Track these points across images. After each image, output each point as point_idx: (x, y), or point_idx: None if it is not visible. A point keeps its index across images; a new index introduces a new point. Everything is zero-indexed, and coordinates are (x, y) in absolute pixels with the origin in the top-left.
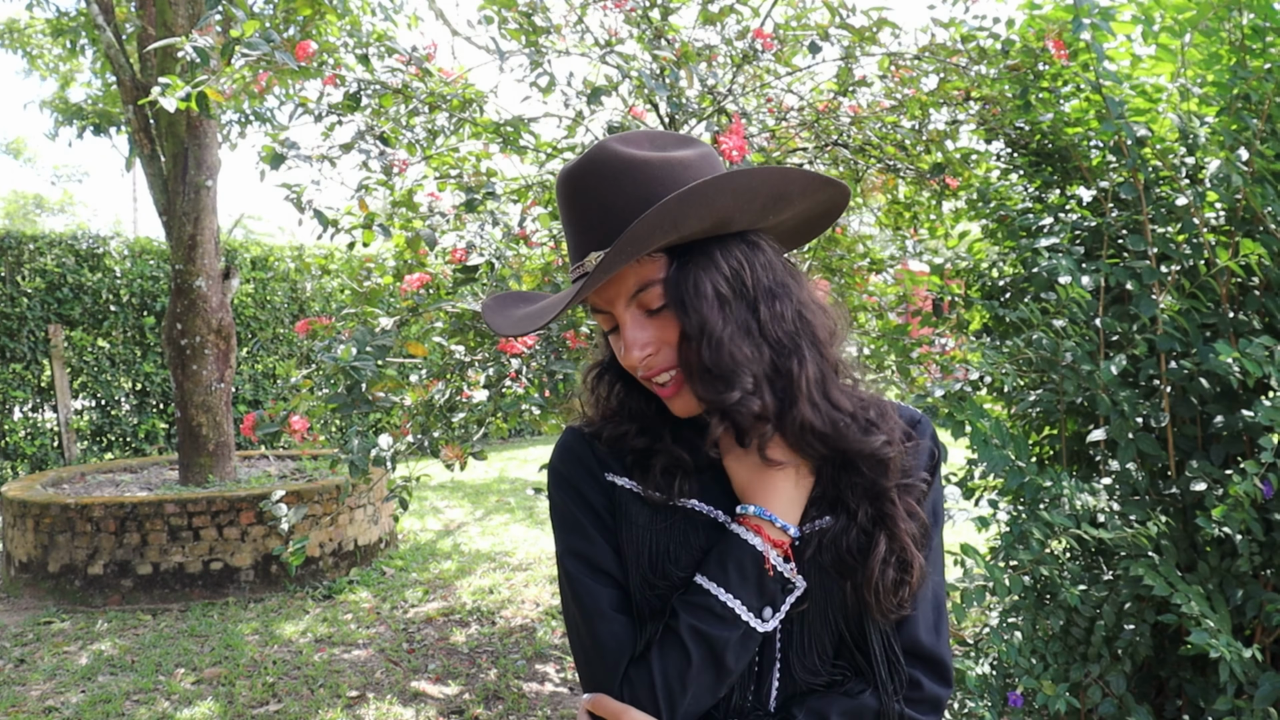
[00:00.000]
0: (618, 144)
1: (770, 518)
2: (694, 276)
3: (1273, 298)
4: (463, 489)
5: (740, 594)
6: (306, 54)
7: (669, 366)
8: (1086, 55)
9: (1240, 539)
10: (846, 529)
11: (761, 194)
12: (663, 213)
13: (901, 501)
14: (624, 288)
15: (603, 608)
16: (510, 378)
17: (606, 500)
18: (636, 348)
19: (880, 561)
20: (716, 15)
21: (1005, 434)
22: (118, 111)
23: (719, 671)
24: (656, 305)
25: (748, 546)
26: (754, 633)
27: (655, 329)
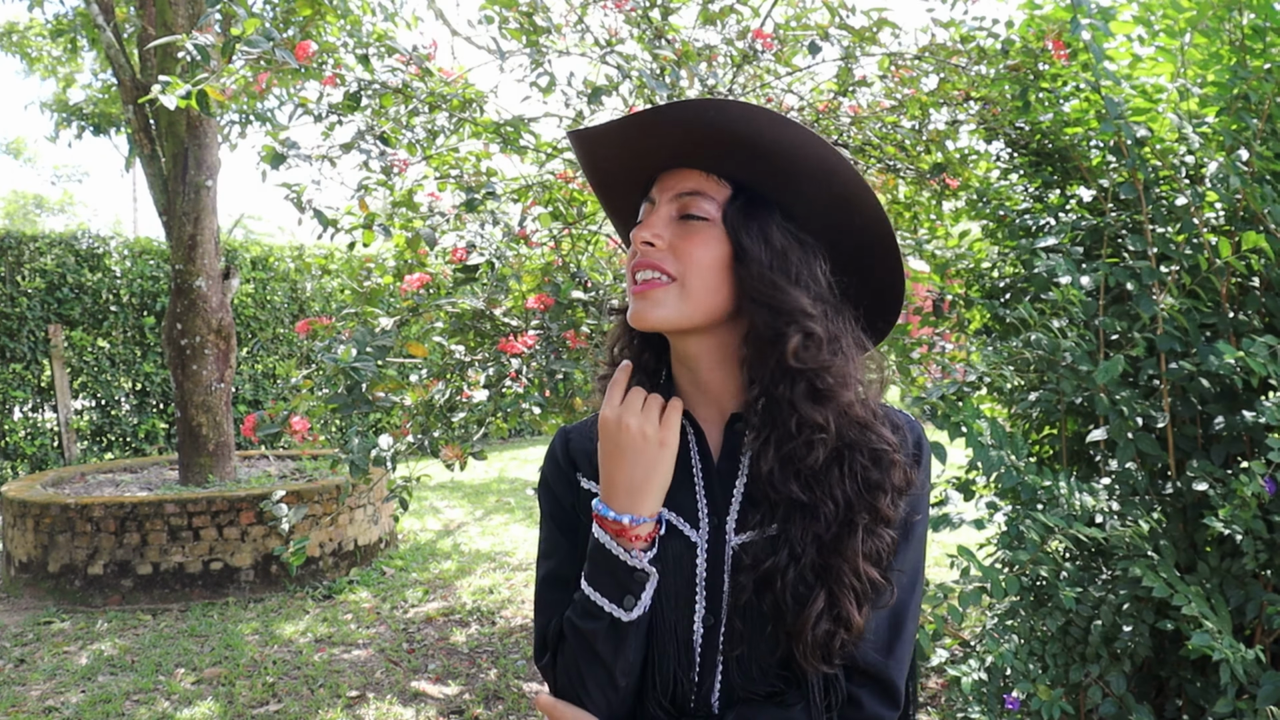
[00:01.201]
0: None
1: (604, 511)
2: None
3: (1273, 297)
4: (462, 489)
5: (597, 585)
6: (306, 54)
7: (661, 268)
8: (1086, 55)
9: (1244, 539)
10: (784, 569)
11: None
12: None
13: (854, 554)
14: (679, 184)
15: (549, 608)
16: (510, 378)
17: (575, 501)
18: (649, 230)
19: (814, 618)
20: (716, 15)
21: (1002, 434)
22: (117, 111)
23: (599, 662)
24: (696, 217)
25: (598, 546)
26: (619, 622)
27: (676, 232)
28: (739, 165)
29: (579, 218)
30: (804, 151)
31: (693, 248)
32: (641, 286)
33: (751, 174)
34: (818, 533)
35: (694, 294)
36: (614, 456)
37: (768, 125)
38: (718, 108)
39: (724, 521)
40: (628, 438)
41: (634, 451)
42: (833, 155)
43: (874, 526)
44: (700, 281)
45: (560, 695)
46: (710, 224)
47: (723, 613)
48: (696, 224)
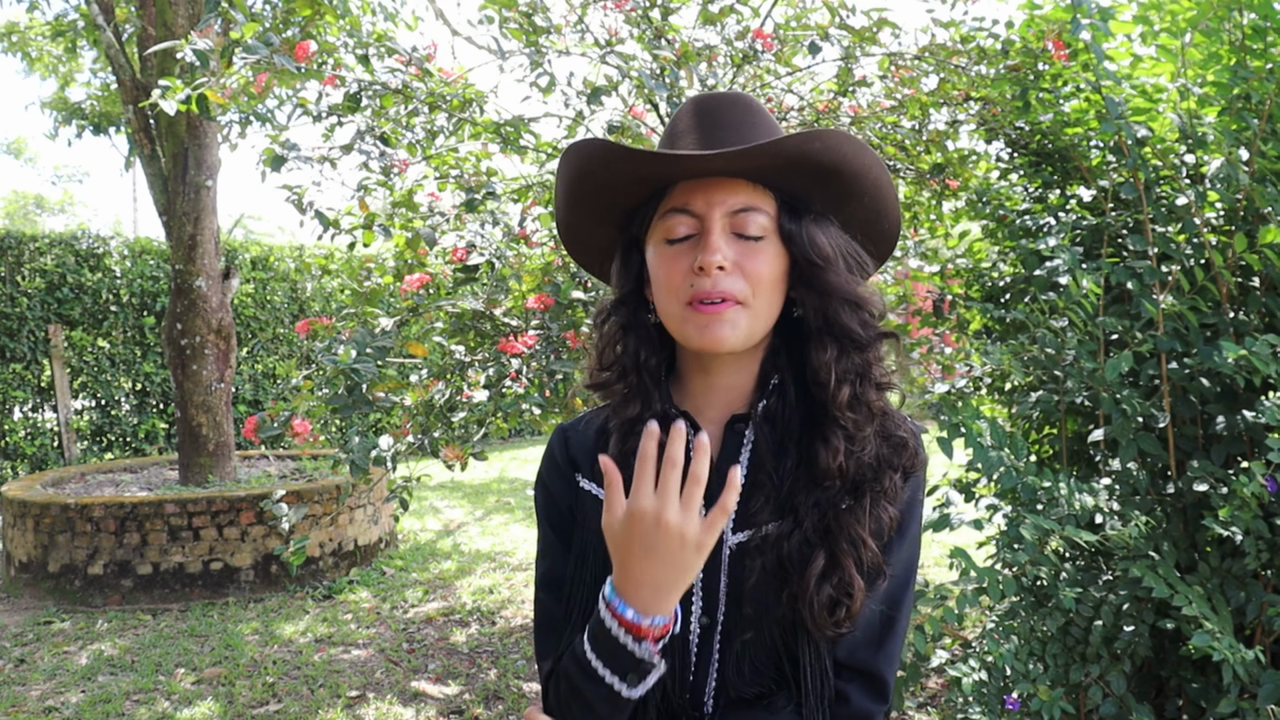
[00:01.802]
0: (758, 100)
1: (621, 609)
2: (821, 221)
3: (1274, 297)
4: (462, 489)
5: (603, 661)
6: (306, 55)
7: (732, 295)
8: (1086, 55)
9: (1245, 539)
10: (789, 535)
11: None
12: (814, 136)
13: (853, 517)
14: (732, 199)
15: (542, 619)
16: (510, 378)
17: (571, 502)
18: (718, 254)
19: (816, 577)
20: (716, 15)
21: (1002, 435)
22: (117, 111)
23: (591, 713)
24: (754, 234)
25: (604, 627)
26: (619, 696)
27: (739, 251)
28: (796, 181)
29: None
30: (869, 174)
31: (759, 267)
32: (717, 309)
33: (806, 188)
34: (819, 499)
35: (760, 313)
36: (644, 556)
37: (853, 154)
38: (822, 140)
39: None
40: (664, 538)
41: (669, 553)
42: (885, 176)
43: (878, 502)
44: (765, 300)
45: (548, 708)
46: (766, 240)
47: (719, 613)
48: (756, 242)
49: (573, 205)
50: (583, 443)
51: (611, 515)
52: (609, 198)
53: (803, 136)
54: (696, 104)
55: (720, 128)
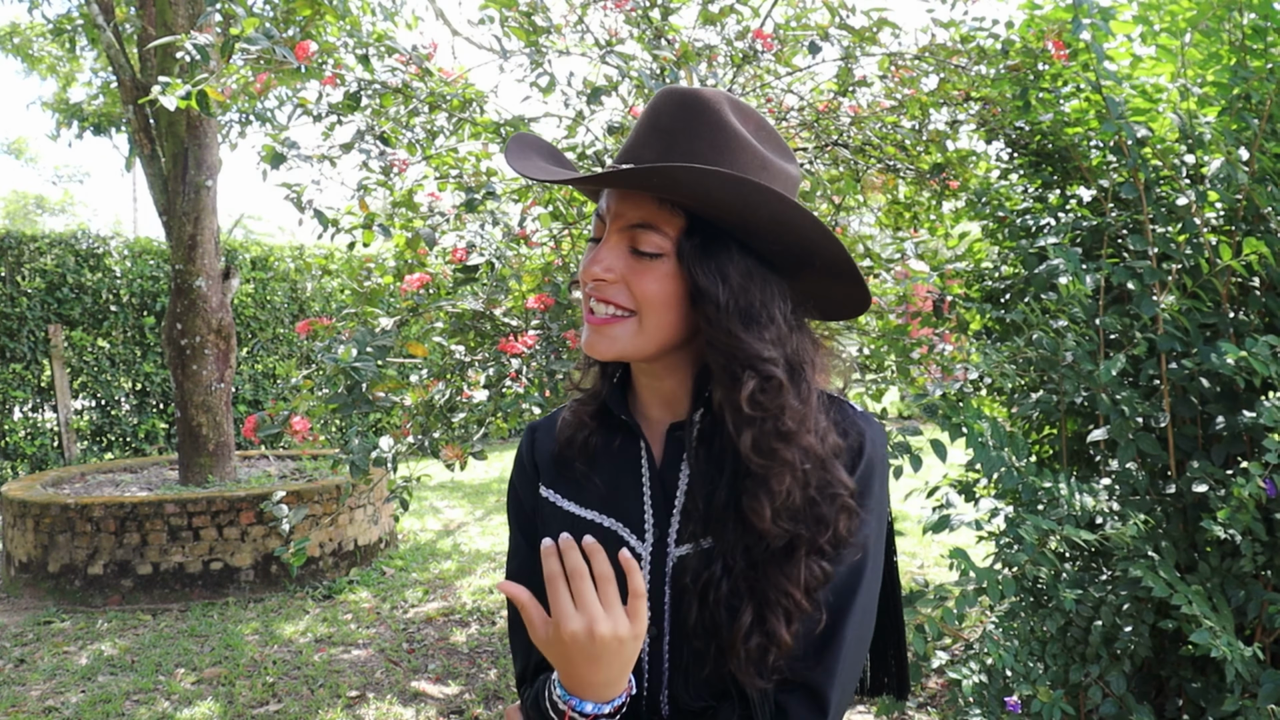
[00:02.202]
0: (731, 109)
1: (581, 706)
2: (716, 248)
3: (1274, 297)
4: (462, 489)
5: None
6: (306, 54)
7: (618, 304)
8: (1086, 55)
9: (1242, 540)
10: (719, 581)
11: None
12: (694, 176)
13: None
14: (630, 214)
15: (513, 619)
16: (510, 378)
17: (535, 505)
18: (600, 265)
19: (744, 631)
20: (716, 15)
21: (1002, 435)
22: (118, 111)
23: None
24: (647, 251)
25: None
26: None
27: (629, 266)
28: (693, 206)
29: (579, 217)
30: (759, 211)
31: (647, 284)
32: (599, 320)
33: (706, 214)
34: (749, 545)
35: (649, 330)
36: (588, 664)
37: (717, 187)
38: (663, 175)
39: (665, 534)
40: (602, 647)
41: (610, 656)
42: (792, 214)
43: (811, 558)
44: (655, 318)
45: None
46: (664, 259)
47: (665, 623)
48: (649, 260)
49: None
50: (546, 445)
51: (540, 635)
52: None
53: (648, 171)
54: (653, 101)
55: (655, 132)
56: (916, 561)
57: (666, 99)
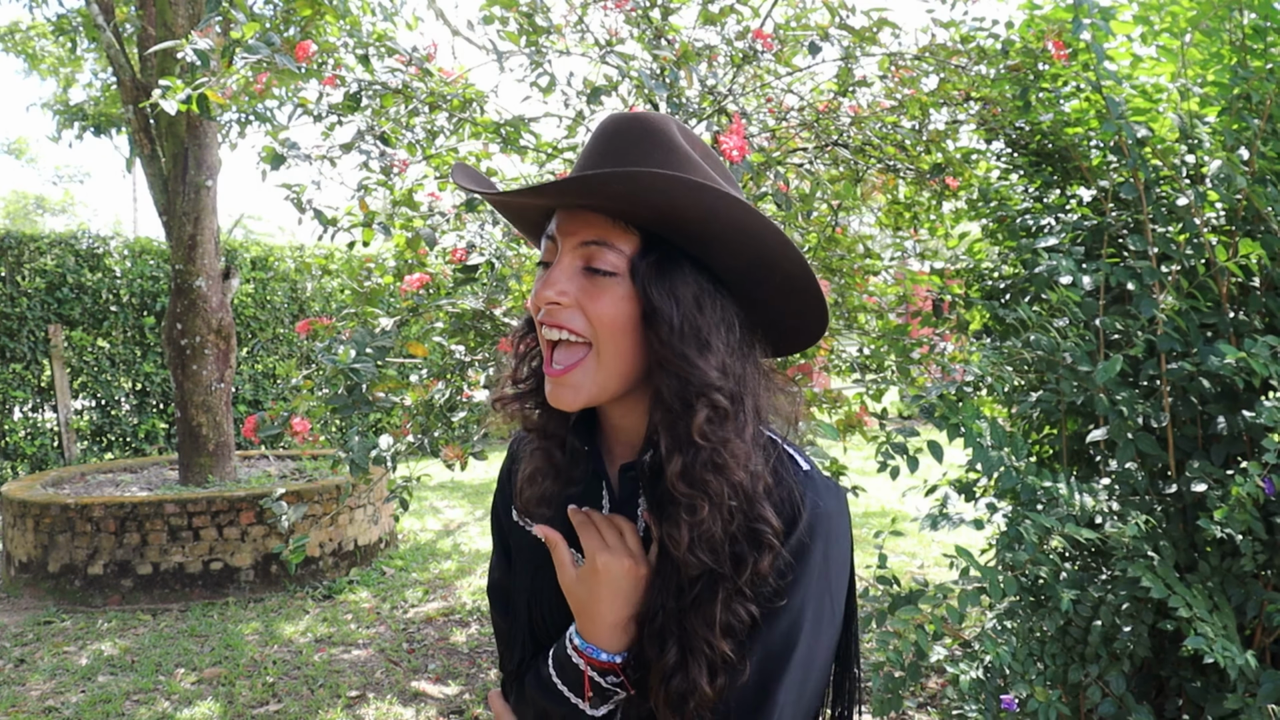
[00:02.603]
0: (679, 132)
1: (595, 653)
2: (672, 268)
3: (1274, 298)
4: (462, 489)
5: (569, 686)
6: (306, 54)
7: (572, 329)
8: (1086, 55)
9: (1242, 540)
10: (653, 616)
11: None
12: (655, 179)
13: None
14: (582, 232)
15: (496, 624)
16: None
17: (507, 523)
18: (553, 289)
19: (665, 673)
20: (716, 15)
21: (1002, 435)
22: (118, 112)
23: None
24: (602, 270)
25: (573, 664)
26: (583, 713)
27: (583, 288)
28: (649, 220)
29: None
30: (720, 217)
31: (602, 308)
32: (560, 371)
33: (662, 229)
34: (680, 586)
35: (608, 362)
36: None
37: (681, 193)
38: (625, 180)
39: None
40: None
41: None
42: (753, 220)
43: (731, 600)
44: (613, 346)
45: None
46: (618, 279)
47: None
48: (603, 279)
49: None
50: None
51: (569, 574)
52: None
53: (608, 175)
54: (600, 126)
55: (603, 154)
56: (916, 561)
57: (614, 122)
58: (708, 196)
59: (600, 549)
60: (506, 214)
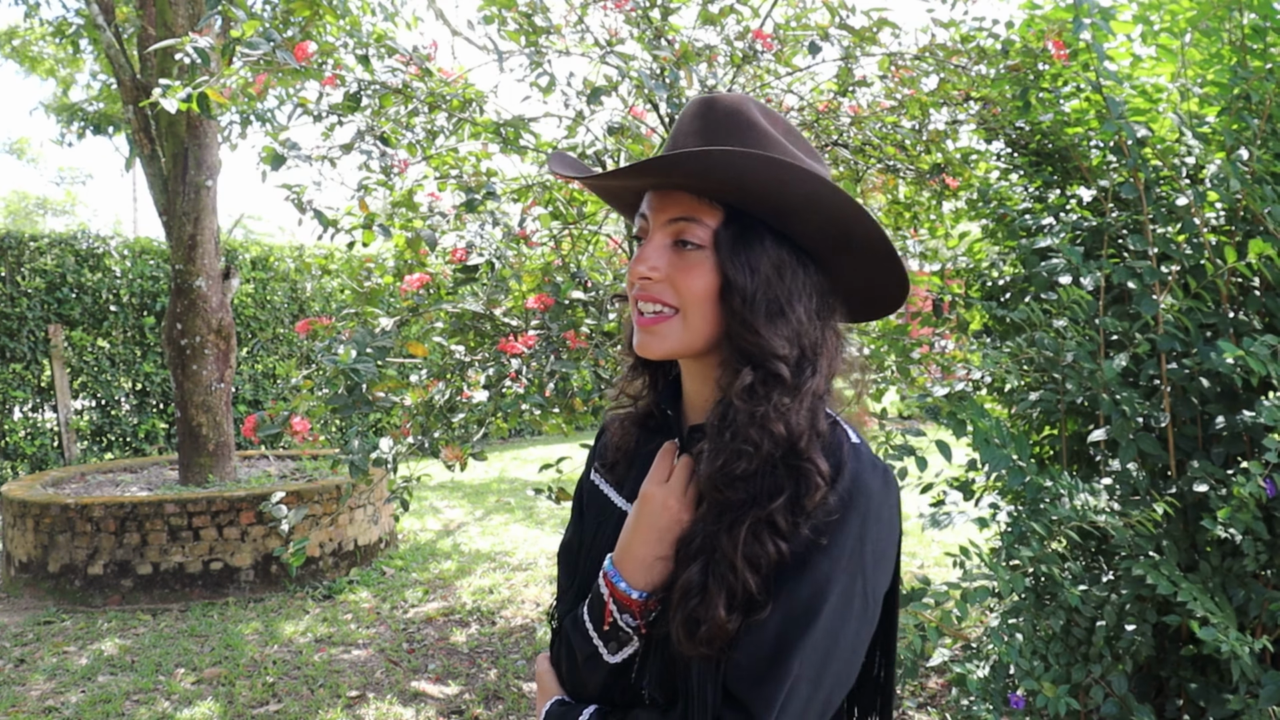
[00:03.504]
0: (759, 112)
1: (615, 579)
2: (751, 240)
3: (1274, 298)
4: (462, 489)
5: (593, 624)
6: (306, 55)
7: (663, 301)
8: (1086, 55)
9: (1244, 540)
10: (690, 538)
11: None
12: (734, 158)
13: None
14: (671, 209)
15: (561, 586)
16: (510, 378)
17: (584, 482)
18: (645, 264)
19: (682, 593)
20: (716, 16)
21: (1006, 434)
22: (118, 112)
23: (580, 673)
24: (690, 244)
25: (599, 593)
26: (601, 658)
27: (672, 262)
28: (727, 195)
29: (579, 218)
30: (794, 190)
31: (690, 280)
32: (649, 320)
33: (741, 203)
34: (705, 513)
35: (693, 325)
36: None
37: (751, 170)
38: (698, 159)
39: None
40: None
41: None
42: (826, 192)
43: (761, 530)
44: (699, 313)
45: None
46: (703, 251)
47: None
48: (691, 253)
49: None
50: (613, 437)
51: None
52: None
53: (690, 155)
54: (695, 105)
55: (691, 135)
56: (916, 561)
57: (697, 105)
58: (776, 169)
59: (655, 481)
60: (604, 197)
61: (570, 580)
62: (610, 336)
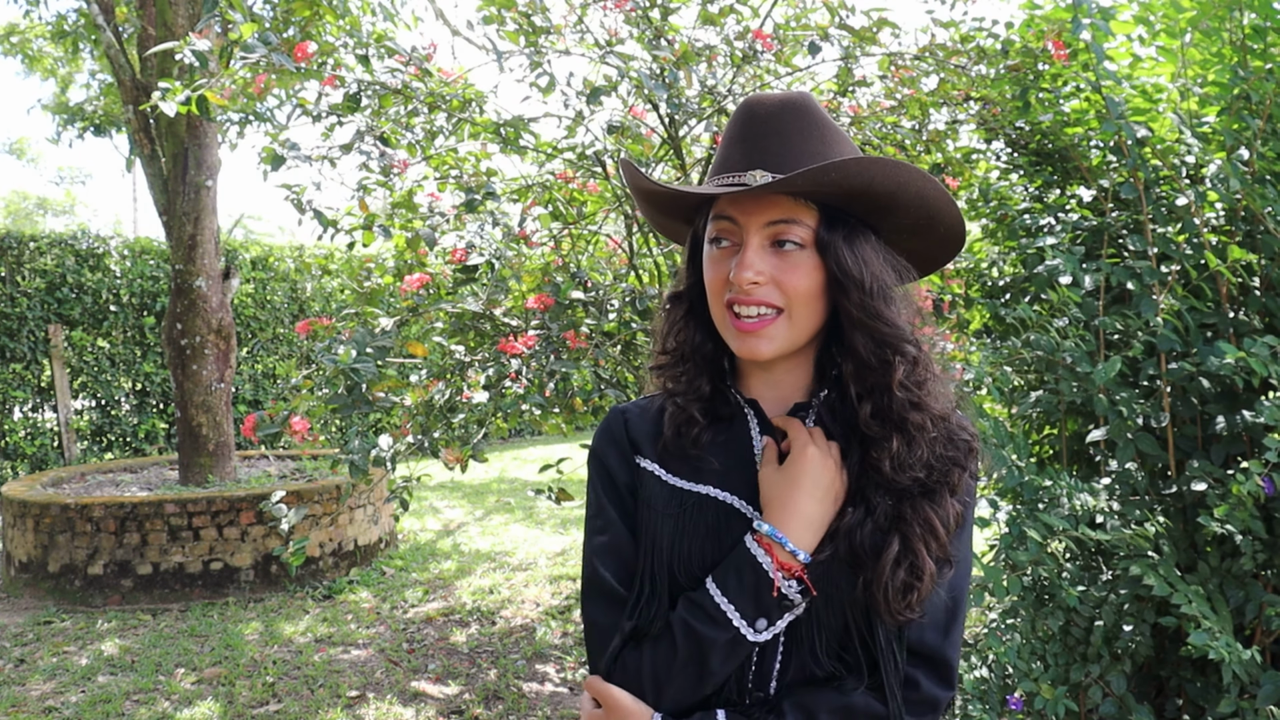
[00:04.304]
0: (816, 101)
1: (782, 540)
2: (859, 236)
3: (1273, 298)
4: (462, 489)
5: (736, 601)
6: (305, 55)
7: (768, 303)
8: (1086, 55)
9: (1242, 539)
10: (862, 523)
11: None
12: (862, 166)
13: (924, 507)
14: (769, 213)
15: (603, 588)
16: (510, 378)
17: (631, 480)
18: (751, 270)
19: (891, 563)
20: (716, 16)
21: (1005, 434)
22: (118, 112)
23: (702, 670)
24: (791, 245)
25: (753, 561)
26: (743, 639)
27: (774, 264)
28: (837, 197)
29: (579, 218)
30: (906, 189)
31: (795, 279)
32: (754, 325)
33: (848, 203)
34: (892, 490)
35: (799, 323)
36: (812, 490)
37: (881, 176)
38: (839, 170)
39: None
40: (828, 474)
41: (829, 489)
42: (929, 186)
43: (945, 496)
44: (804, 310)
45: (634, 680)
46: (805, 250)
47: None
48: (794, 253)
49: (643, 207)
50: (642, 425)
51: (770, 466)
52: (670, 203)
53: (823, 169)
54: (748, 109)
55: (766, 137)
56: None
57: (762, 106)
58: (901, 173)
59: (810, 443)
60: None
61: (629, 581)
62: (610, 336)
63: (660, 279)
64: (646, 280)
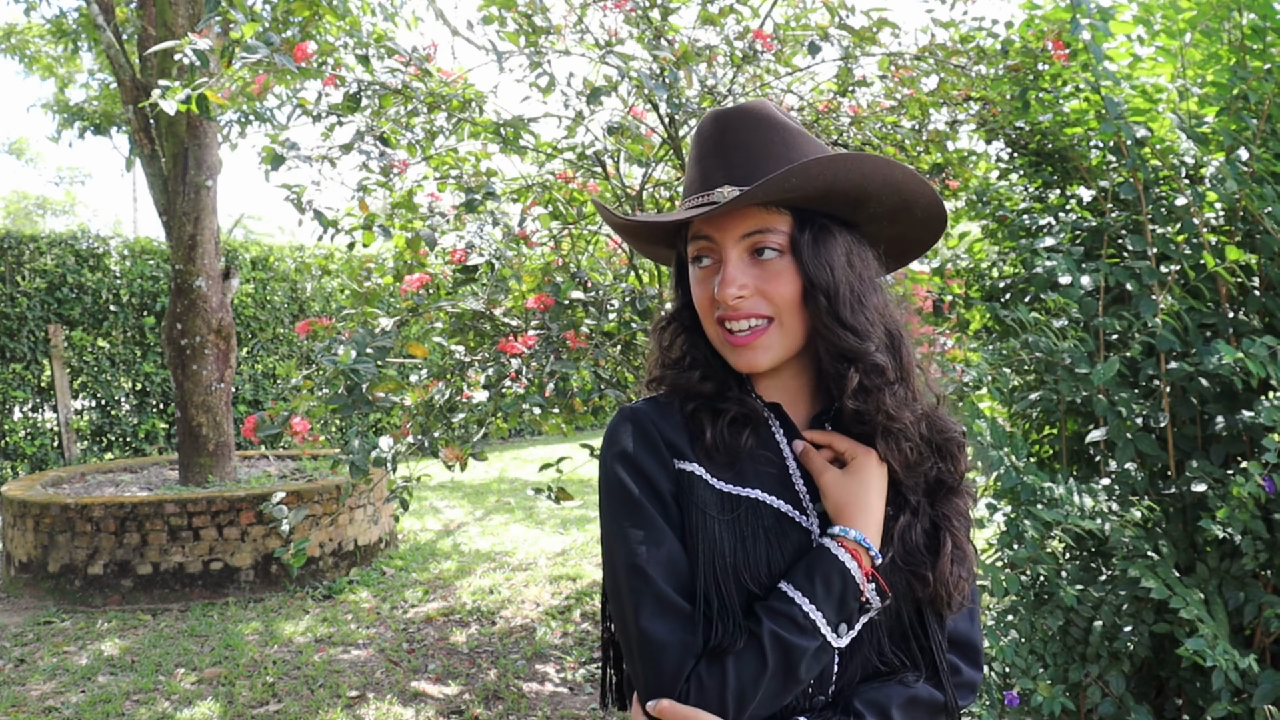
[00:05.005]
0: (774, 107)
1: (868, 545)
2: (825, 239)
3: (1273, 298)
4: (462, 489)
5: (824, 608)
6: (305, 55)
7: (757, 314)
8: (1086, 55)
9: (1243, 539)
10: (911, 525)
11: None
12: (822, 166)
13: (954, 502)
14: (742, 225)
15: (667, 603)
16: (510, 378)
17: (673, 486)
18: (734, 285)
19: (949, 559)
20: (716, 16)
21: (1002, 434)
22: (118, 112)
23: (789, 680)
24: (769, 253)
25: (841, 567)
26: (829, 647)
27: (756, 275)
28: (806, 200)
29: (579, 218)
30: (875, 179)
31: (779, 287)
32: (744, 339)
33: (819, 203)
34: (925, 490)
35: (789, 329)
36: (879, 496)
37: (842, 172)
38: (800, 174)
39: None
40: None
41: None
42: (898, 172)
43: (962, 490)
44: (791, 316)
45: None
46: (784, 256)
47: None
48: (773, 260)
49: (626, 239)
50: (669, 427)
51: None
52: (649, 231)
53: (783, 175)
54: (707, 126)
55: (728, 151)
56: None
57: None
58: (864, 164)
59: (873, 449)
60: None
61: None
62: (610, 336)
63: (660, 279)
64: (646, 280)
